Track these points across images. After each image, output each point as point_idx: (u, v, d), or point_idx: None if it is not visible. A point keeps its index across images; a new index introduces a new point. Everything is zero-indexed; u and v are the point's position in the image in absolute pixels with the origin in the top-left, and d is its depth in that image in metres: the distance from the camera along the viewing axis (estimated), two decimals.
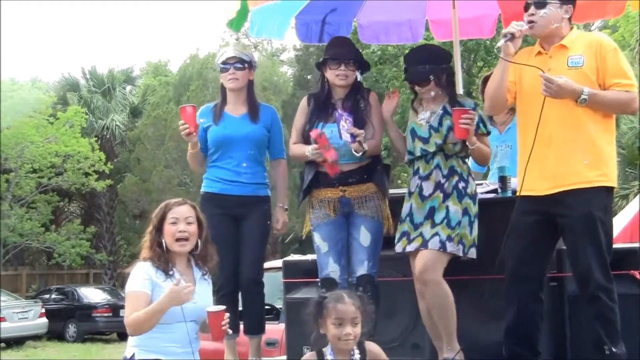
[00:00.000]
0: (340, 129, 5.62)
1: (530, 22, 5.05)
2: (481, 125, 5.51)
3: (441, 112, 5.56)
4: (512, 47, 4.99)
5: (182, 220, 4.89)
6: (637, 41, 14.70)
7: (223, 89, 6.21)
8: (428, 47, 5.95)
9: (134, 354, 4.79)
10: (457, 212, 5.43)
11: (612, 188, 5.06)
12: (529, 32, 5.06)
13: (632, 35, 21.75)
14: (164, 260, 4.83)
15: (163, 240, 4.87)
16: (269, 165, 6.30)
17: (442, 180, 5.50)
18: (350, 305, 4.41)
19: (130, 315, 4.71)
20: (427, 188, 5.53)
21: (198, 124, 5.86)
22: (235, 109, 6.14)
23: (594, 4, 6.51)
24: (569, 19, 5.16)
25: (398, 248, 5.57)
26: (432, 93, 5.59)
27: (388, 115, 5.77)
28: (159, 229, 4.90)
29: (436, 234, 5.40)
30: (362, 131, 5.54)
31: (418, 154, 5.62)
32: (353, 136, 5.54)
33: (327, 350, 4.49)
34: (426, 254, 5.40)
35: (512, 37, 4.97)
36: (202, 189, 6.19)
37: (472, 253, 5.44)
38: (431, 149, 5.53)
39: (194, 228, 4.91)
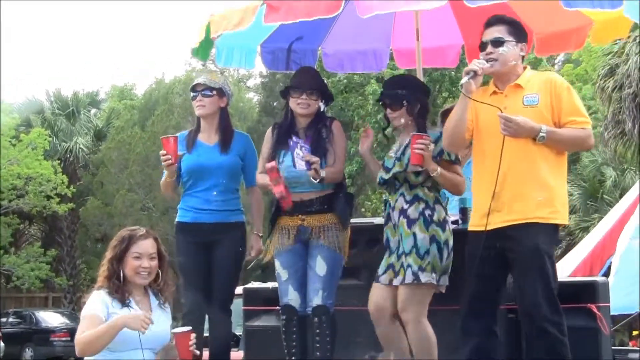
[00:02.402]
0: (295, 157, 5.65)
1: (490, 59, 5.09)
2: (445, 152, 5.52)
3: (407, 142, 5.56)
4: (474, 84, 5.04)
5: (145, 256, 4.89)
6: (598, 76, 14.87)
7: (198, 116, 6.22)
8: (408, 76, 6.02)
9: None
10: (424, 240, 5.43)
11: (562, 225, 5.14)
12: (489, 69, 5.10)
13: (594, 70, 21.97)
14: (120, 291, 4.83)
15: (121, 272, 4.86)
16: (244, 191, 6.30)
17: (405, 206, 5.51)
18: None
19: (81, 334, 4.70)
20: (395, 217, 5.56)
21: (179, 154, 5.91)
22: (209, 137, 6.13)
23: (556, 38, 6.59)
24: (523, 58, 5.23)
25: (384, 280, 5.54)
26: (402, 120, 5.61)
27: (367, 153, 5.81)
28: (119, 260, 4.88)
29: (408, 265, 5.40)
30: (317, 158, 5.56)
31: (378, 182, 5.68)
32: (308, 163, 5.56)
33: None
34: (402, 290, 5.41)
35: (474, 74, 5.02)
36: (177, 219, 6.21)
37: (444, 280, 5.44)
38: (388, 177, 5.57)
39: (155, 263, 4.92)
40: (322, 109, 5.87)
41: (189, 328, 4.90)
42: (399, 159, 5.56)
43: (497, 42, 5.11)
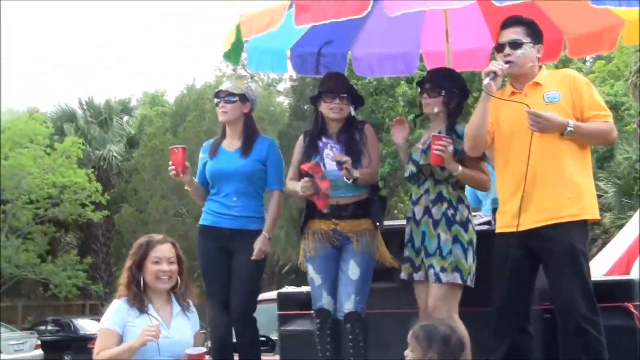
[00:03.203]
0: (325, 157, 5.61)
1: (507, 62, 5.08)
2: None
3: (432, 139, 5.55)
4: (494, 86, 5.02)
5: (164, 260, 4.94)
6: (631, 73, 14.76)
7: (222, 122, 6.25)
8: (455, 72, 5.98)
9: None
10: (447, 241, 5.42)
11: (589, 220, 5.12)
12: (507, 70, 5.10)
13: (627, 66, 21.84)
14: (139, 299, 4.87)
15: (142, 279, 4.90)
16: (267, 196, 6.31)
17: (430, 205, 5.50)
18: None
19: (98, 352, 4.77)
20: (418, 212, 5.55)
21: (187, 166, 5.95)
22: (231, 143, 6.16)
23: (587, 38, 6.54)
24: (539, 59, 5.22)
25: (402, 275, 5.56)
26: (436, 109, 5.58)
27: (402, 143, 5.76)
28: (139, 266, 4.93)
29: (431, 265, 5.41)
30: (347, 157, 5.55)
31: (406, 175, 5.66)
32: (339, 163, 5.55)
33: None
34: (435, 290, 5.41)
35: (494, 75, 5.00)
36: (199, 222, 6.22)
37: (470, 281, 5.43)
38: (414, 168, 5.56)
39: (175, 267, 4.96)
40: (352, 113, 5.87)
41: (203, 350, 4.88)
42: (426, 152, 5.53)
43: (515, 44, 5.11)
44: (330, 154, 5.61)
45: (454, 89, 5.63)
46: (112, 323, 4.83)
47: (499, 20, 5.29)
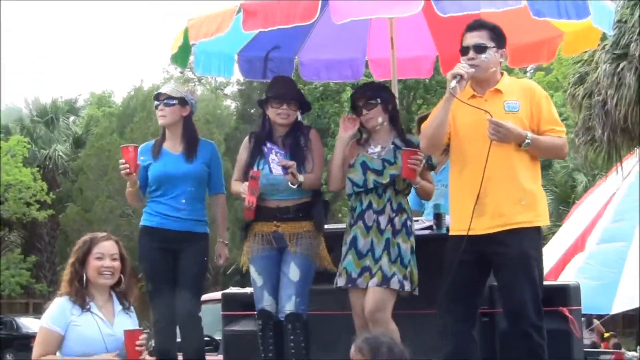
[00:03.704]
0: (270, 162, 5.64)
1: (472, 65, 5.05)
2: (427, 159, 5.56)
3: (392, 146, 5.60)
4: (459, 88, 5.00)
5: (107, 256, 4.91)
6: (569, 84, 14.93)
7: (163, 126, 6.21)
8: (374, 82, 6.03)
9: None
10: (407, 250, 5.48)
11: (541, 227, 5.17)
12: (472, 74, 5.05)
13: (565, 78, 22.10)
14: (81, 295, 4.84)
15: (84, 274, 4.87)
16: (209, 199, 6.29)
17: (392, 215, 5.53)
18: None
19: (38, 355, 4.75)
20: (383, 222, 5.55)
21: (138, 164, 5.91)
22: (174, 145, 6.12)
23: (527, 49, 6.61)
24: (501, 64, 5.24)
25: (361, 284, 5.53)
26: (380, 119, 5.61)
27: (347, 138, 5.73)
28: (82, 262, 4.90)
29: (394, 273, 5.43)
30: (293, 162, 5.57)
31: (371, 186, 5.61)
32: (285, 168, 5.57)
33: None
34: (379, 293, 5.42)
35: (461, 78, 4.98)
36: (141, 223, 6.16)
37: (416, 290, 5.51)
38: (385, 180, 5.55)
39: (118, 264, 4.94)
40: (299, 118, 5.88)
41: (139, 328, 4.92)
42: (390, 163, 5.56)
43: (480, 48, 5.08)
44: (276, 159, 5.63)
45: (385, 96, 5.70)
46: (53, 323, 4.79)
47: (443, 29, 5.34)
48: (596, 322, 20.27)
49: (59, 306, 4.84)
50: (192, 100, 6.22)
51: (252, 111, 32.39)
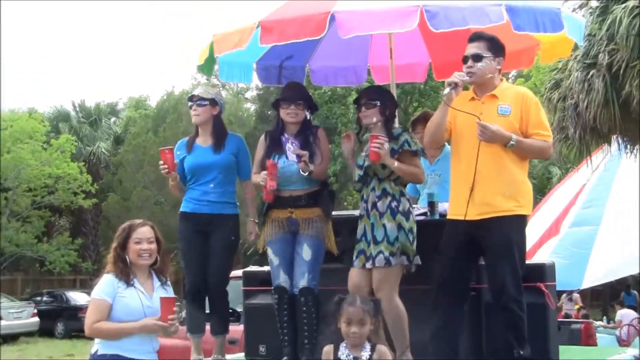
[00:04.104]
0: (287, 151, 5.67)
1: (469, 73, 5.08)
2: (406, 144, 5.51)
3: None
4: (454, 94, 5.04)
5: (144, 240, 4.94)
6: (545, 89, 14.92)
7: (195, 123, 6.21)
8: (382, 87, 6.00)
9: (97, 350, 4.86)
10: (393, 229, 5.43)
11: (527, 215, 5.15)
12: (468, 81, 5.10)
13: (542, 84, 22.01)
14: (125, 273, 4.88)
15: (127, 256, 4.91)
16: (238, 185, 6.28)
17: (376, 200, 5.50)
18: (360, 309, 4.46)
19: (92, 322, 4.81)
20: (366, 208, 5.55)
21: (176, 163, 5.92)
22: (205, 140, 6.13)
23: (509, 57, 6.55)
24: (499, 71, 5.22)
25: (357, 264, 5.53)
26: (374, 119, 5.58)
27: (349, 154, 5.76)
28: (123, 247, 4.94)
29: (380, 252, 5.40)
30: (305, 152, 5.59)
31: (355, 179, 5.65)
32: (298, 157, 5.58)
33: (342, 345, 4.52)
34: (376, 273, 5.41)
35: (455, 85, 5.01)
36: (180, 209, 6.18)
37: (417, 260, 5.45)
38: (361, 172, 5.55)
39: (154, 246, 4.96)
40: (308, 118, 5.86)
41: (174, 296, 4.96)
42: (368, 155, 5.53)
43: (477, 57, 5.09)
44: (292, 148, 5.67)
45: (386, 101, 5.65)
46: (104, 294, 4.85)
47: (435, 40, 5.33)
48: (576, 295, 20.28)
49: (108, 281, 4.89)
50: (221, 101, 6.23)
51: (268, 112, 32.34)
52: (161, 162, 5.92)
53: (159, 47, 77.21)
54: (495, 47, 5.16)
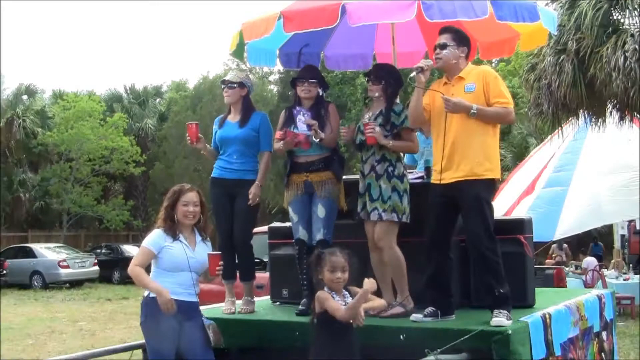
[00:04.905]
0: (297, 122, 5.63)
1: (437, 59, 5.14)
2: (406, 121, 5.44)
3: (377, 113, 5.54)
4: (423, 77, 5.08)
5: (191, 204, 5.00)
6: (524, 71, 14.84)
7: (227, 103, 6.17)
8: (392, 66, 5.94)
9: (149, 294, 4.88)
10: (387, 189, 5.40)
11: (496, 179, 5.13)
12: (435, 65, 5.14)
13: (521, 67, 21.85)
14: (172, 229, 4.94)
15: (175, 215, 4.96)
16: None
17: (375, 164, 5.47)
18: (341, 258, 4.42)
19: (134, 263, 4.88)
20: (366, 169, 5.51)
21: (200, 136, 5.88)
22: (234, 117, 6.09)
23: (494, 45, 6.53)
24: (466, 57, 5.20)
25: (364, 216, 5.49)
26: (377, 94, 5.55)
27: (349, 141, 5.71)
28: (172, 207, 4.97)
29: (375, 208, 5.39)
30: (315, 122, 5.56)
31: (357, 142, 5.60)
32: (309, 126, 5.54)
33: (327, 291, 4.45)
34: (378, 226, 5.39)
35: (421, 70, 5.05)
36: (211, 175, 6.15)
37: (406, 218, 5.42)
38: (364, 137, 5.49)
39: (198, 209, 5.02)
40: (321, 94, 5.82)
41: (219, 253, 5.02)
42: (363, 132, 5.49)
43: (442, 46, 5.15)
44: (302, 119, 5.62)
45: (390, 80, 5.59)
46: (151, 244, 4.90)
47: (432, 30, 5.28)
48: (565, 245, 20.28)
49: (157, 234, 4.95)
50: (249, 83, 6.17)
51: (289, 93, 32.22)
52: (187, 134, 5.90)
53: (196, 36, 76.96)
54: (460, 38, 5.19)
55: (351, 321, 4.28)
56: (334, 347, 4.31)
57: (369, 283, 4.28)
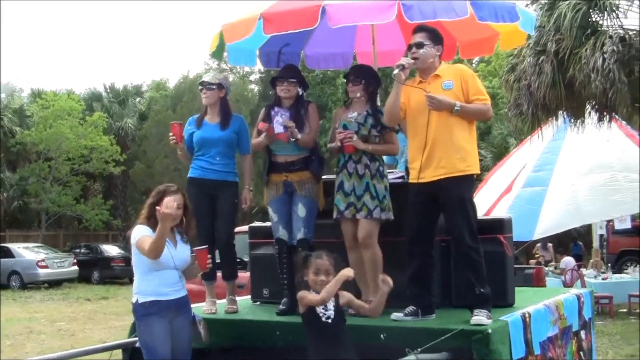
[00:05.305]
0: (275, 123, 5.61)
1: (414, 58, 5.11)
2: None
3: (365, 114, 5.54)
4: (403, 75, 5.05)
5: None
6: (504, 72, 14.91)
7: (205, 105, 6.14)
8: (368, 66, 5.95)
9: (137, 300, 4.82)
10: (381, 188, 5.43)
11: (474, 174, 5.13)
12: (413, 64, 5.12)
13: (501, 68, 21.97)
14: (156, 227, 4.84)
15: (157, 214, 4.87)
16: (238, 158, 6.22)
17: (368, 162, 5.47)
18: (326, 261, 4.45)
19: (146, 248, 4.79)
20: (360, 169, 5.49)
21: (183, 136, 5.87)
22: (212, 118, 6.05)
23: (473, 44, 6.54)
24: (439, 56, 5.20)
25: (348, 215, 5.47)
26: (358, 94, 5.57)
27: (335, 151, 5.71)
28: (156, 205, 4.90)
29: (375, 206, 5.40)
30: (292, 123, 5.54)
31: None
32: (285, 127, 5.53)
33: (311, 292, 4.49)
34: (368, 223, 5.39)
35: (403, 67, 5.03)
36: (188, 175, 6.10)
37: (390, 215, 5.46)
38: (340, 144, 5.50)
39: (181, 212, 5.00)
40: (300, 94, 5.81)
41: (206, 246, 5.05)
42: (362, 125, 5.51)
43: (419, 45, 5.12)
44: (280, 120, 5.59)
45: (371, 79, 5.61)
46: (148, 232, 4.85)
47: (412, 28, 5.26)
48: (550, 245, 20.39)
49: (144, 228, 4.91)
50: (227, 85, 6.16)
51: (270, 92, 32.14)
52: (170, 134, 5.86)
53: (177, 36, 76.59)
54: (435, 37, 5.18)
55: (342, 316, 4.41)
56: (320, 342, 4.38)
57: (347, 270, 4.39)
